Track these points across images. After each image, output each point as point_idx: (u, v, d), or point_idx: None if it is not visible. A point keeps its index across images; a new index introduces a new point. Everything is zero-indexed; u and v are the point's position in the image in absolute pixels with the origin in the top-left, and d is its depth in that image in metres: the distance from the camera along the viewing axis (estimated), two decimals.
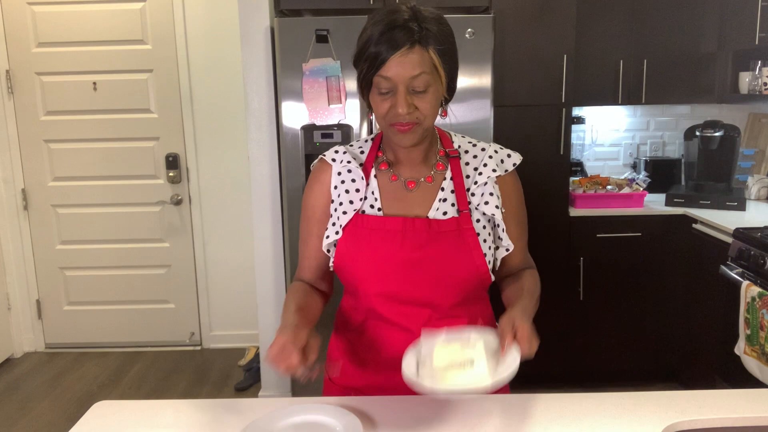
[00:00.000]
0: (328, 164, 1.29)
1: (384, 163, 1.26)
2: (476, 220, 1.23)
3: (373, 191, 1.24)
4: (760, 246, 2.35)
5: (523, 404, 1.18)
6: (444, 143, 1.29)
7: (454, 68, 1.19)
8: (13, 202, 3.67)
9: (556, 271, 3.05)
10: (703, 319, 2.86)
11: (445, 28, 1.15)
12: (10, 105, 3.59)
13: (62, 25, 3.50)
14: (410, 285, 1.20)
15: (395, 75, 1.10)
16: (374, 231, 1.21)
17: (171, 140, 3.62)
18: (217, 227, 3.72)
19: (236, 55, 3.41)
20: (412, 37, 1.09)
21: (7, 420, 3.01)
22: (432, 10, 1.15)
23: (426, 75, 1.11)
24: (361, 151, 1.30)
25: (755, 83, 3.01)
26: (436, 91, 1.15)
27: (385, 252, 1.19)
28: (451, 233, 1.20)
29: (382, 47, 1.09)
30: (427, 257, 1.19)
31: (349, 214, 1.23)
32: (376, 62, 1.10)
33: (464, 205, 1.22)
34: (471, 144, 1.31)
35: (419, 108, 1.13)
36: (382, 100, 1.13)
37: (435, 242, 1.19)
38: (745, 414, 1.14)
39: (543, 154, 2.97)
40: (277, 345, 1.05)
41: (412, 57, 1.09)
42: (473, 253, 1.20)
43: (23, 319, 3.78)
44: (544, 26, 2.88)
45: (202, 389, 3.30)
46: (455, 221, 1.21)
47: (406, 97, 1.11)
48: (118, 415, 1.19)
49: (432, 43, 1.11)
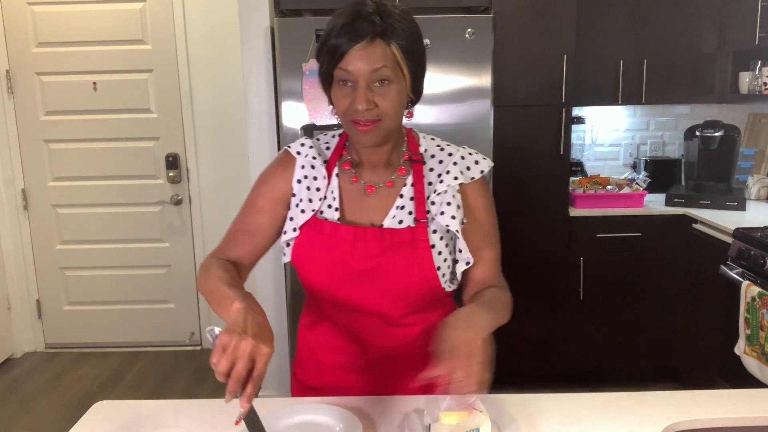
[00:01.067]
0: (292, 156, 1.25)
1: (347, 162, 1.23)
2: (433, 230, 1.17)
3: (333, 191, 1.21)
4: (760, 246, 2.35)
5: (523, 404, 1.18)
6: (410, 146, 1.23)
7: (419, 68, 1.13)
8: (13, 202, 3.67)
9: (556, 271, 3.05)
10: (703, 319, 2.86)
11: (410, 25, 1.10)
12: (10, 105, 3.59)
13: (62, 25, 3.50)
14: (360, 294, 1.17)
15: (355, 68, 1.05)
16: (328, 237, 1.18)
17: (171, 140, 3.62)
18: (217, 227, 3.71)
19: (236, 55, 3.41)
20: (373, 29, 1.05)
21: (7, 420, 3.01)
22: (400, 7, 1.11)
23: (387, 69, 1.06)
24: (327, 146, 1.26)
25: (755, 83, 3.01)
26: (399, 89, 1.09)
27: (335, 260, 1.17)
28: (404, 244, 1.15)
29: (342, 39, 1.05)
30: (377, 268, 1.15)
31: (306, 213, 1.21)
32: (336, 54, 1.06)
33: (422, 214, 1.17)
34: (439, 148, 1.24)
35: (380, 105, 1.08)
36: (342, 95, 1.09)
37: (386, 253, 1.15)
38: (745, 414, 1.14)
39: (543, 154, 2.97)
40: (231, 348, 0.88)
41: (373, 50, 1.05)
42: (425, 265, 1.15)
43: (23, 319, 3.78)
44: (544, 26, 2.88)
45: (202, 389, 3.30)
46: (410, 231, 1.16)
47: (366, 92, 1.07)
48: (118, 415, 1.18)
49: (395, 38, 1.06)
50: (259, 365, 0.89)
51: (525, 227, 3.01)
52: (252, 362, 0.88)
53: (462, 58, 2.66)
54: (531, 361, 3.13)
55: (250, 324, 0.91)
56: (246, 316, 0.92)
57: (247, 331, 0.89)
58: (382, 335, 1.21)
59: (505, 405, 1.16)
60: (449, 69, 2.66)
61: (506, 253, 3.28)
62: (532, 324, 3.08)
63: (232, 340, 0.87)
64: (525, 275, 3.05)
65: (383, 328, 1.21)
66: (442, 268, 1.18)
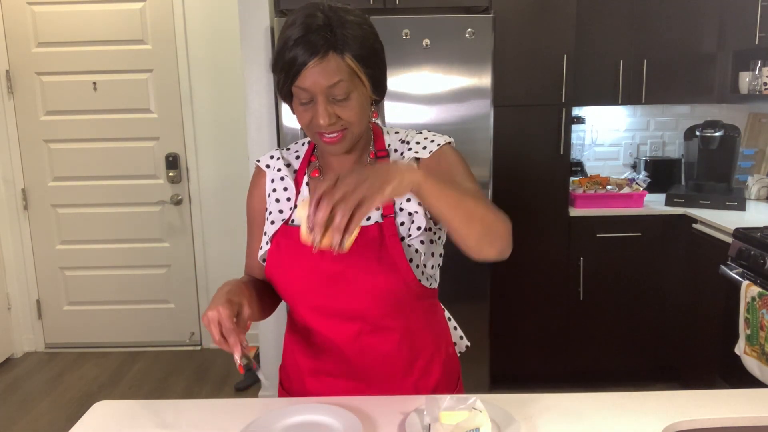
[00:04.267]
0: (263, 171, 1.25)
1: (316, 169, 1.22)
2: (401, 222, 1.16)
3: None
4: (760, 246, 2.35)
5: (523, 404, 1.18)
6: (377, 143, 1.22)
7: (377, 70, 1.10)
8: (13, 202, 3.67)
9: (555, 271, 3.05)
10: (703, 319, 2.86)
11: (363, 31, 1.07)
12: (10, 105, 3.59)
13: (62, 25, 3.50)
14: (335, 298, 1.16)
15: (311, 85, 1.04)
16: (298, 242, 1.14)
17: (171, 140, 3.62)
18: (217, 227, 3.72)
19: (236, 55, 3.41)
20: (326, 43, 1.02)
21: (7, 420, 3.01)
22: (350, 9, 1.07)
23: (344, 83, 1.04)
24: (297, 155, 1.26)
25: (755, 83, 3.01)
26: (360, 97, 1.08)
27: (307, 264, 1.16)
28: (374, 241, 1.14)
29: (295, 55, 1.02)
30: (348, 268, 1.13)
31: (276, 224, 1.21)
32: (291, 72, 1.04)
33: (389, 208, 1.16)
34: (402, 141, 1.23)
35: (342, 116, 1.07)
36: (304, 110, 1.08)
37: (356, 252, 1.11)
38: (745, 414, 1.14)
39: (543, 154, 2.97)
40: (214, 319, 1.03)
41: (328, 65, 1.02)
42: (396, 261, 1.13)
43: (23, 319, 3.78)
44: (544, 26, 2.88)
45: (202, 389, 3.30)
46: (377, 227, 1.14)
47: (326, 107, 1.05)
48: (118, 415, 1.18)
49: (348, 49, 1.03)
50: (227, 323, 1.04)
51: (525, 227, 3.01)
52: (228, 320, 1.03)
53: (462, 58, 2.66)
54: (531, 361, 3.13)
55: (218, 296, 1.07)
56: (217, 293, 1.08)
57: (215, 302, 1.05)
58: (363, 339, 1.19)
59: (505, 405, 1.16)
60: (449, 69, 2.66)
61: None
62: (532, 324, 3.08)
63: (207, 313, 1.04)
64: (525, 275, 3.06)
65: (364, 331, 1.19)
66: (414, 259, 1.16)
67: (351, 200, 0.86)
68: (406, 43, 2.63)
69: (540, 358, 3.13)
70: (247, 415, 1.15)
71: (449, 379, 1.30)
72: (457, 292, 2.74)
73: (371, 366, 1.22)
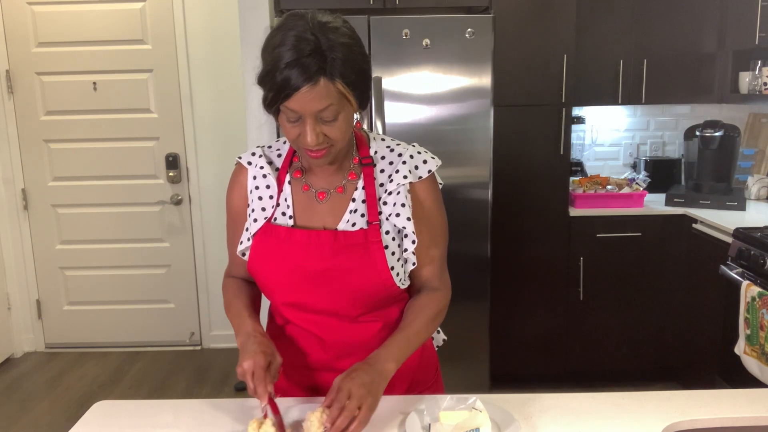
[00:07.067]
0: (244, 167, 1.27)
1: (298, 170, 1.24)
2: (386, 231, 1.20)
3: (286, 198, 1.22)
4: (760, 246, 2.35)
5: (523, 404, 1.18)
6: (360, 150, 1.23)
7: (365, 88, 1.12)
8: (13, 202, 3.67)
9: (556, 271, 3.05)
10: (702, 319, 2.86)
11: (353, 52, 1.07)
12: (10, 105, 3.59)
13: (62, 25, 3.50)
14: (316, 296, 1.20)
15: (301, 108, 1.05)
16: (282, 242, 1.20)
17: (171, 140, 3.62)
18: (217, 227, 3.72)
19: (236, 55, 3.41)
20: (318, 70, 1.02)
21: (7, 420, 3.01)
22: (338, 27, 1.07)
23: (334, 106, 1.06)
24: (279, 153, 1.27)
25: (755, 83, 3.01)
26: (347, 116, 1.10)
27: (290, 263, 1.19)
28: (358, 246, 1.18)
29: (287, 77, 1.02)
30: (331, 270, 1.17)
31: (259, 221, 1.23)
32: (282, 94, 1.04)
33: (374, 216, 1.19)
34: (389, 149, 1.25)
35: (329, 135, 1.09)
36: (291, 126, 1.09)
37: (340, 255, 1.17)
38: (745, 414, 1.15)
39: (543, 154, 2.97)
40: (250, 370, 1.10)
41: (318, 91, 1.03)
42: (378, 266, 1.17)
43: (23, 319, 3.78)
44: (544, 26, 2.88)
45: (202, 389, 3.30)
46: (362, 233, 1.18)
47: (314, 127, 1.07)
48: (118, 415, 1.19)
49: (338, 75, 1.04)
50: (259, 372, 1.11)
51: (525, 227, 3.01)
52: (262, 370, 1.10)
53: (462, 58, 2.66)
54: (531, 361, 3.13)
55: (249, 347, 1.14)
56: (247, 343, 1.15)
57: (248, 354, 1.12)
58: (341, 332, 1.24)
59: (505, 405, 1.16)
60: (449, 69, 2.66)
61: (506, 253, 3.29)
62: (532, 324, 3.08)
63: (243, 363, 1.11)
64: (525, 275, 3.06)
65: (342, 325, 1.23)
66: (396, 267, 1.20)
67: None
68: (406, 43, 2.63)
69: (540, 358, 3.13)
70: (247, 415, 1.15)
71: (427, 371, 1.35)
72: (457, 292, 2.73)
73: (350, 357, 1.23)
